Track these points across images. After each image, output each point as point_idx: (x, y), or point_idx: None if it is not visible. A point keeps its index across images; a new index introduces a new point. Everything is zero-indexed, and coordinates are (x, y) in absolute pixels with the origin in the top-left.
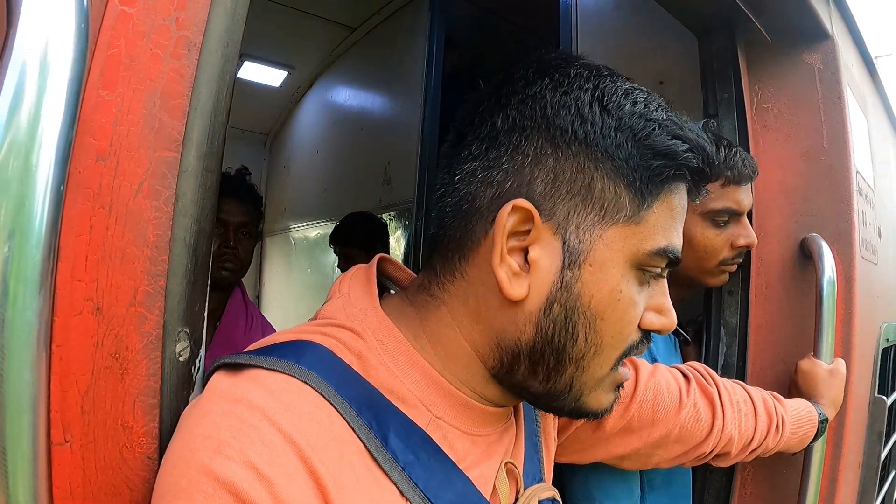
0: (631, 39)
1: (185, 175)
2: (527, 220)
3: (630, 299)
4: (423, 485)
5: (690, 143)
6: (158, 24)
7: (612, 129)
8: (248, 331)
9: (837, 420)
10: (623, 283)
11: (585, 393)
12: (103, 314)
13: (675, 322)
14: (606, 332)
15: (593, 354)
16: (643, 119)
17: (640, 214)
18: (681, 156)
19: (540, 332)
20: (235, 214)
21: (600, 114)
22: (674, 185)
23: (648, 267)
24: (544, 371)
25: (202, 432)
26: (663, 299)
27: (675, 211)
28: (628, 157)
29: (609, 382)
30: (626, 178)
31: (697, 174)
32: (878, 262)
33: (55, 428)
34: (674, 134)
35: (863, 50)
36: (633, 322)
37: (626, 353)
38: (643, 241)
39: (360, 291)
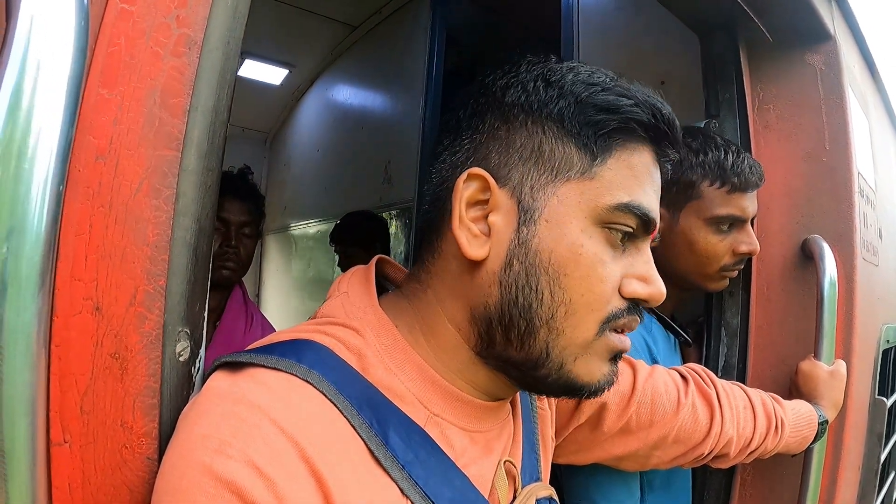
0: (632, 39)
1: (185, 174)
2: (485, 189)
3: (595, 256)
4: (423, 483)
5: (636, 99)
6: (159, 21)
7: (555, 96)
8: (248, 330)
9: (837, 421)
10: (584, 238)
11: (569, 360)
12: (103, 314)
13: (663, 292)
14: (574, 289)
15: (565, 315)
16: (585, 83)
17: (592, 170)
18: (624, 108)
19: (505, 292)
20: (237, 214)
21: (544, 87)
22: (630, 143)
23: (614, 224)
24: (518, 336)
25: (203, 432)
26: (647, 268)
27: (636, 170)
28: (572, 115)
29: (599, 349)
30: (573, 137)
31: (653, 131)
32: (878, 264)
33: (54, 428)
34: (617, 93)
35: (864, 51)
36: (604, 280)
37: (610, 319)
38: (600, 196)
39: (360, 290)
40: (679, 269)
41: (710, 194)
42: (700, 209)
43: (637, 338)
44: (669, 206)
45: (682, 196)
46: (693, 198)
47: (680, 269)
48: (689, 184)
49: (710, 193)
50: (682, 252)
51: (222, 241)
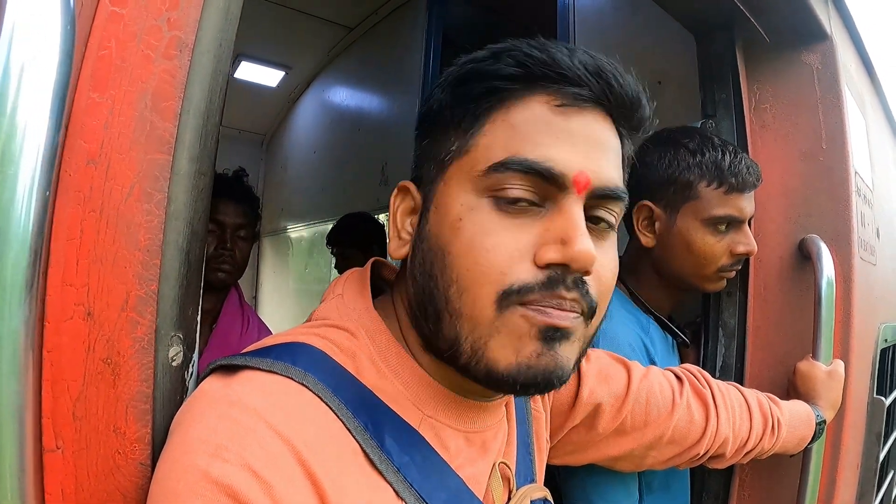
0: (629, 39)
1: (177, 178)
2: (413, 198)
3: (476, 226)
4: (417, 485)
5: (498, 57)
6: (150, 24)
7: (439, 92)
8: (244, 332)
9: (836, 421)
10: (464, 211)
11: (481, 344)
12: (94, 319)
13: (585, 250)
14: (459, 266)
15: (457, 293)
16: (460, 65)
17: (468, 143)
18: (483, 69)
19: (415, 283)
20: (232, 216)
21: (440, 91)
22: (507, 101)
23: (500, 189)
24: (433, 323)
25: (198, 435)
26: (566, 227)
27: (519, 126)
28: (446, 104)
29: (509, 328)
30: (450, 122)
31: (527, 80)
32: (876, 263)
33: (46, 434)
34: (483, 57)
35: (861, 50)
36: (490, 250)
37: (512, 293)
38: (475, 165)
39: (355, 293)
40: (677, 269)
41: (707, 195)
42: (697, 210)
43: (635, 339)
44: (667, 208)
45: (680, 197)
46: (690, 198)
47: (678, 270)
48: (686, 184)
49: (708, 194)
50: (679, 253)
51: (217, 243)
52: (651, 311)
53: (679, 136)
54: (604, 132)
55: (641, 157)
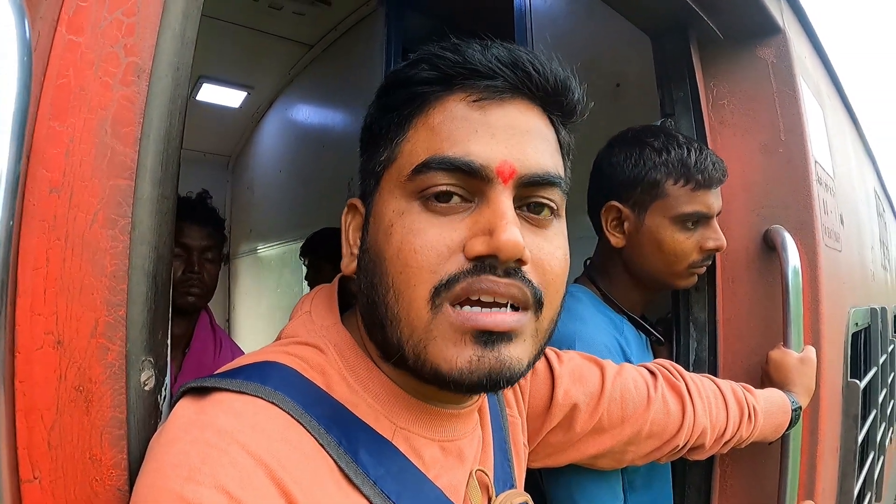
0: (586, 44)
1: (140, 202)
2: (361, 213)
3: (405, 229)
4: (395, 497)
5: (418, 64)
6: (107, 51)
7: (371, 109)
8: (217, 355)
9: (812, 406)
10: (395, 216)
11: (420, 348)
12: (65, 347)
13: (510, 238)
14: (391, 269)
15: (394, 299)
16: (385, 78)
17: (395, 151)
18: (403, 77)
19: (362, 296)
20: (198, 239)
21: (372, 109)
22: (425, 105)
23: (426, 190)
24: (380, 333)
25: (171, 460)
26: (492, 217)
27: (438, 126)
28: (375, 117)
29: (444, 331)
30: (380, 134)
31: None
32: (841, 249)
33: (23, 465)
34: (400, 67)
35: (815, 42)
36: (419, 251)
37: (442, 289)
38: (401, 170)
39: (322, 309)
40: (648, 268)
41: (674, 193)
42: (666, 208)
43: (610, 339)
44: (635, 207)
45: (647, 196)
46: (658, 197)
47: (649, 269)
48: (653, 183)
49: (675, 192)
50: (650, 252)
51: (185, 267)
52: (624, 311)
53: (644, 135)
54: (529, 121)
55: (607, 158)
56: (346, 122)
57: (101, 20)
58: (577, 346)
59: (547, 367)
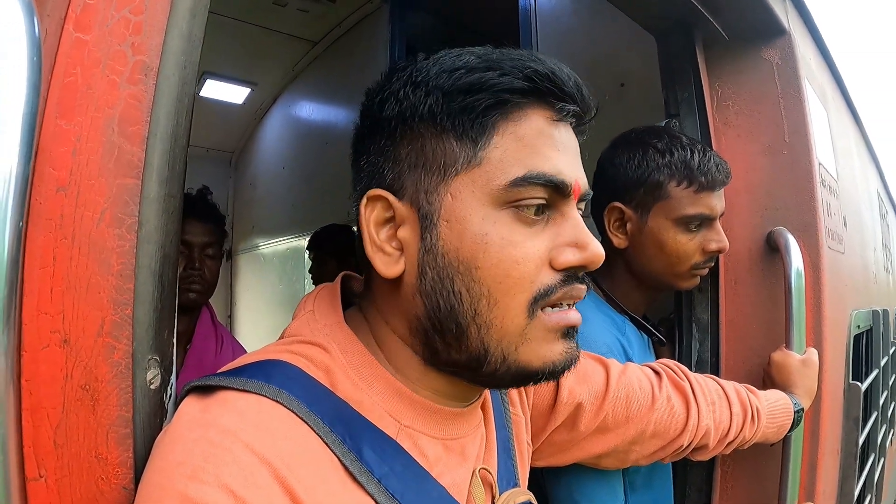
0: (591, 44)
1: (147, 201)
2: (389, 207)
3: (503, 240)
4: (399, 496)
5: (502, 69)
6: (114, 50)
7: (423, 95)
8: (219, 352)
9: (814, 408)
10: (487, 225)
11: (511, 350)
12: (71, 346)
13: (599, 253)
14: (488, 280)
15: (487, 307)
16: (447, 72)
17: (477, 156)
18: (493, 83)
19: (427, 301)
20: (198, 235)
21: (413, 90)
22: (512, 114)
23: (520, 201)
24: (453, 338)
25: (176, 459)
26: (576, 232)
27: (526, 139)
28: (443, 111)
29: (538, 333)
30: (451, 132)
31: (533, 94)
32: (844, 251)
33: (29, 463)
34: (484, 68)
35: (820, 43)
36: (520, 262)
37: (540, 298)
38: (493, 179)
39: (325, 308)
40: (650, 270)
41: (677, 194)
42: (668, 210)
43: (611, 339)
44: (638, 208)
45: (650, 197)
46: (661, 198)
47: (651, 270)
48: (656, 185)
49: (678, 193)
50: (652, 253)
51: (186, 264)
52: (626, 312)
53: (647, 136)
54: (575, 140)
55: (610, 159)
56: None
57: (109, 18)
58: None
59: None
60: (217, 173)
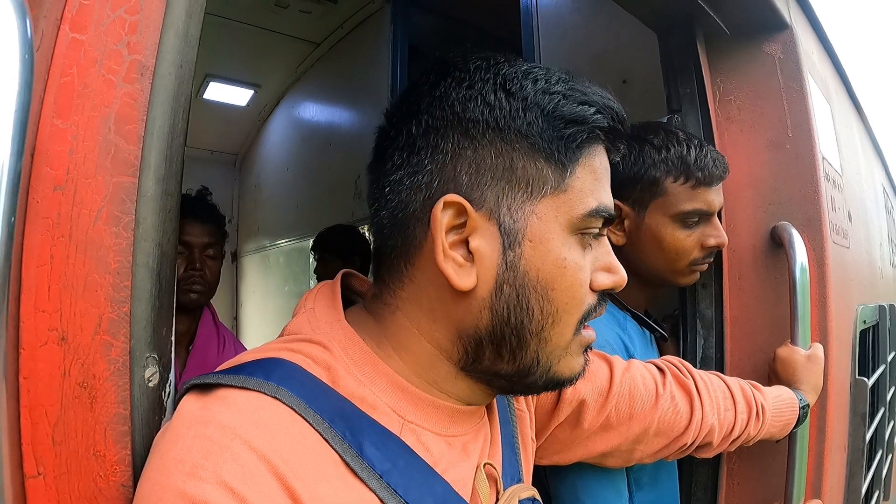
0: (592, 40)
1: (144, 200)
2: (461, 214)
3: (576, 264)
4: (402, 491)
5: (597, 106)
6: (110, 49)
7: (520, 109)
8: (221, 352)
9: (820, 404)
10: (565, 250)
11: (554, 363)
12: (69, 343)
13: (625, 277)
14: (560, 300)
15: (552, 324)
16: (546, 94)
17: (565, 182)
18: (590, 119)
19: (496, 316)
20: (198, 236)
21: (506, 99)
22: (590, 147)
23: (586, 230)
24: (509, 351)
25: (175, 456)
26: (609, 258)
27: (598, 172)
28: (541, 132)
29: (575, 347)
30: (544, 152)
31: (611, 132)
32: (849, 246)
33: (27, 460)
34: (580, 100)
35: (822, 37)
36: (583, 285)
37: (586, 317)
38: (574, 207)
39: (326, 306)
40: (649, 266)
41: (674, 190)
42: (666, 206)
43: (613, 336)
44: (635, 205)
45: (647, 194)
46: (658, 195)
47: (650, 267)
48: (653, 181)
49: (675, 189)
50: (650, 250)
51: (187, 264)
52: (627, 308)
53: (643, 132)
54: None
55: None
56: (354, 121)
57: (105, 18)
58: None
59: None
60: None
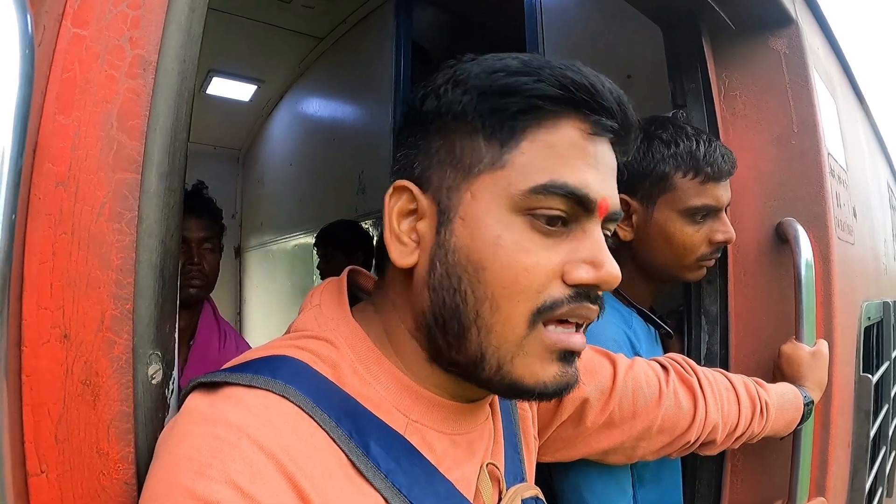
0: (597, 36)
1: (146, 196)
2: (413, 199)
3: (515, 245)
4: (406, 491)
5: (538, 75)
6: (112, 44)
7: (461, 93)
8: (222, 347)
9: (824, 401)
10: (500, 228)
11: (505, 360)
12: (71, 341)
13: (615, 274)
14: (495, 282)
15: (490, 310)
16: (487, 73)
17: (503, 158)
18: (523, 88)
19: (433, 296)
20: (195, 230)
21: (452, 88)
22: (545, 121)
23: (538, 209)
24: (454, 338)
25: (182, 454)
26: (594, 250)
27: (558, 148)
28: (475, 109)
29: (536, 347)
30: (480, 132)
31: (569, 103)
32: (854, 242)
33: (30, 459)
34: (521, 72)
35: (828, 32)
36: (529, 269)
37: (544, 310)
38: (513, 183)
39: (332, 302)
40: (656, 261)
41: (683, 185)
42: (674, 201)
43: (619, 334)
44: (643, 200)
45: (656, 189)
46: (666, 190)
47: (657, 262)
48: (661, 176)
49: (684, 185)
50: (658, 245)
51: (185, 259)
52: (632, 304)
53: (652, 127)
54: (613, 159)
55: None
56: (357, 116)
57: (107, 13)
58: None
59: None
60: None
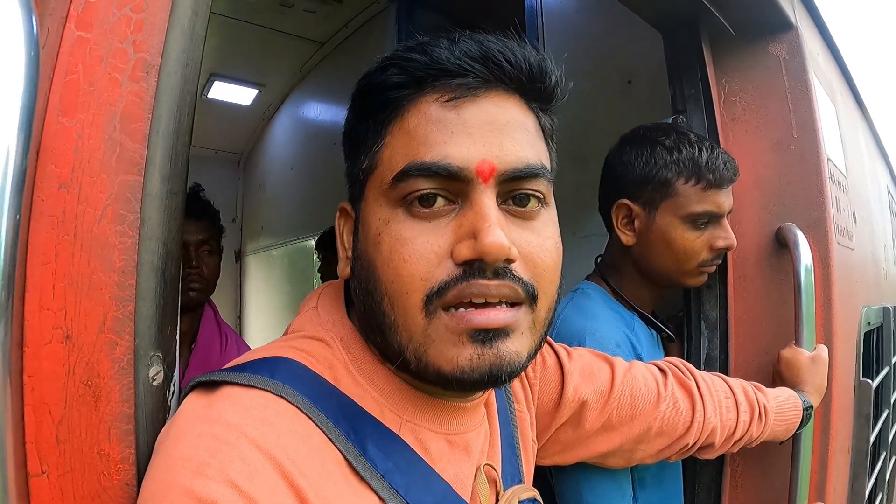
0: (597, 41)
1: (148, 198)
2: (349, 215)
3: (393, 239)
4: (403, 492)
5: (383, 65)
6: (116, 47)
7: (349, 114)
8: (224, 350)
9: (824, 406)
10: (381, 225)
11: (422, 352)
12: (73, 342)
13: (495, 241)
14: (385, 279)
15: (390, 307)
16: (362, 80)
17: (374, 160)
18: (374, 83)
19: (358, 303)
20: (194, 233)
21: (349, 114)
22: (400, 109)
23: (408, 195)
24: (382, 340)
25: (181, 454)
26: (475, 220)
27: (413, 131)
28: (352, 123)
29: (442, 334)
30: (360, 141)
31: (414, 85)
32: (854, 247)
33: (31, 459)
34: (377, 69)
35: (828, 38)
36: (408, 260)
37: (436, 294)
38: (383, 178)
39: (329, 304)
40: (658, 266)
41: (685, 192)
42: (676, 207)
43: (621, 337)
44: (645, 205)
45: (658, 194)
46: (669, 196)
47: (658, 267)
48: (664, 182)
49: (686, 191)
50: (659, 250)
51: (183, 263)
52: (635, 308)
53: (655, 133)
54: (506, 113)
55: (618, 156)
56: None
57: (110, 16)
58: (588, 342)
59: (557, 363)
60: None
